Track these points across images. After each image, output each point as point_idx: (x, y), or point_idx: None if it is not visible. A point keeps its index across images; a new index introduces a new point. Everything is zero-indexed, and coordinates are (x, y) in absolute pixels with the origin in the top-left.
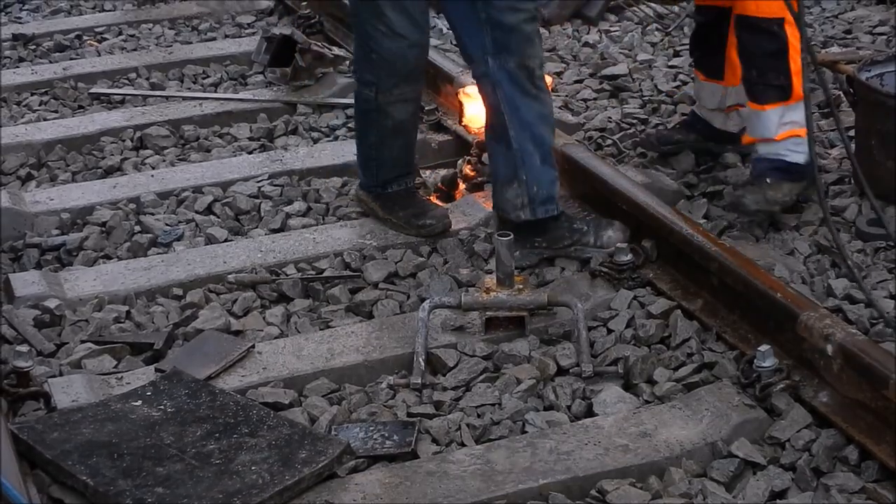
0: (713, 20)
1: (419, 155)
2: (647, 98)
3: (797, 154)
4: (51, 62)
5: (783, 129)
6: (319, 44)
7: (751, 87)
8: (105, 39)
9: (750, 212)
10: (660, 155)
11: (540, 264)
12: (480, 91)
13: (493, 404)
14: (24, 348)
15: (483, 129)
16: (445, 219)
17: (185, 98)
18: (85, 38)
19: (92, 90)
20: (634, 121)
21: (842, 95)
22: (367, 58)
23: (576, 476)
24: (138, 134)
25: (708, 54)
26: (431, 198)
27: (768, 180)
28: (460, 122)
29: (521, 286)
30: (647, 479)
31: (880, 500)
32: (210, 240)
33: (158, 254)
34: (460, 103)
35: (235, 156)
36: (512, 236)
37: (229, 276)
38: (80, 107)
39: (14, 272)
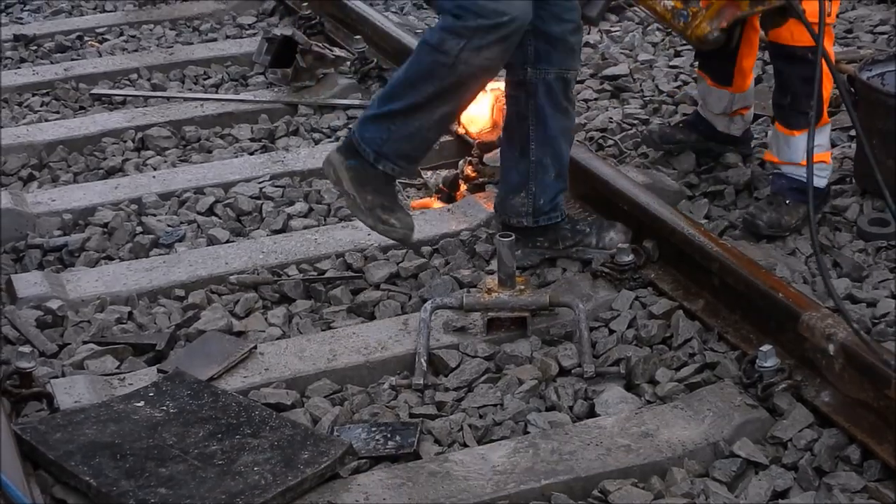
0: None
1: None
2: (648, 98)
3: (820, 178)
4: (52, 63)
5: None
6: (320, 44)
7: (783, 113)
8: (106, 40)
9: (761, 235)
10: (661, 153)
11: (541, 265)
12: (509, 96)
13: (495, 405)
14: (26, 349)
15: (484, 130)
16: (410, 230)
17: (186, 99)
18: (86, 38)
19: (93, 91)
20: (636, 121)
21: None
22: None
23: (578, 476)
24: (140, 135)
25: (718, 60)
26: (433, 199)
27: (787, 202)
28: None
29: (522, 287)
30: (650, 479)
31: (882, 500)
32: (212, 241)
33: (160, 255)
34: None
35: (237, 157)
36: (513, 237)
37: (231, 276)
38: (82, 108)
39: (16, 273)
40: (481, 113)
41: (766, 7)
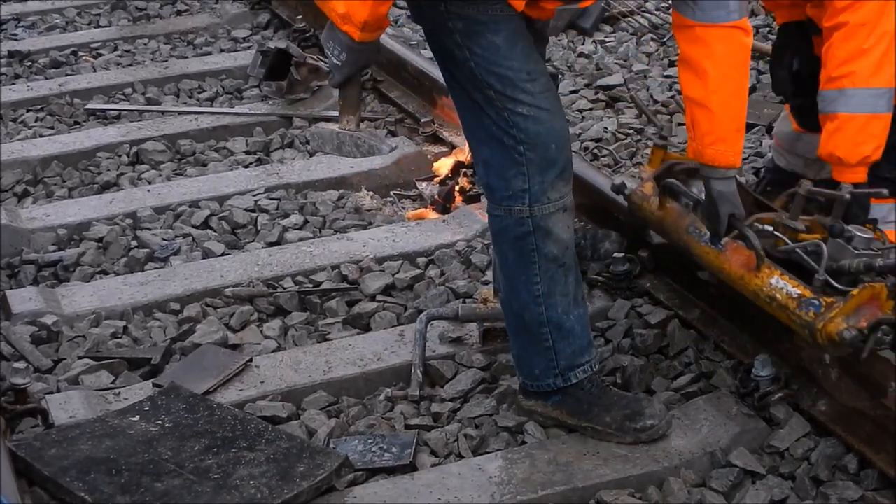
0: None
1: (415, 167)
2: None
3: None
4: (46, 78)
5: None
6: (315, 57)
7: (871, 180)
8: (101, 55)
9: None
10: None
11: None
12: None
13: (490, 415)
14: (21, 365)
15: None
16: (666, 414)
17: (181, 113)
18: (80, 54)
19: (88, 106)
20: (630, 131)
21: None
22: (509, 158)
23: (575, 487)
24: (134, 149)
25: (809, 110)
26: (428, 209)
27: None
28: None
29: None
30: (647, 489)
31: None
32: (207, 254)
33: (155, 268)
34: None
35: (232, 170)
36: None
37: (226, 289)
38: (76, 122)
39: (11, 289)
40: None
41: None
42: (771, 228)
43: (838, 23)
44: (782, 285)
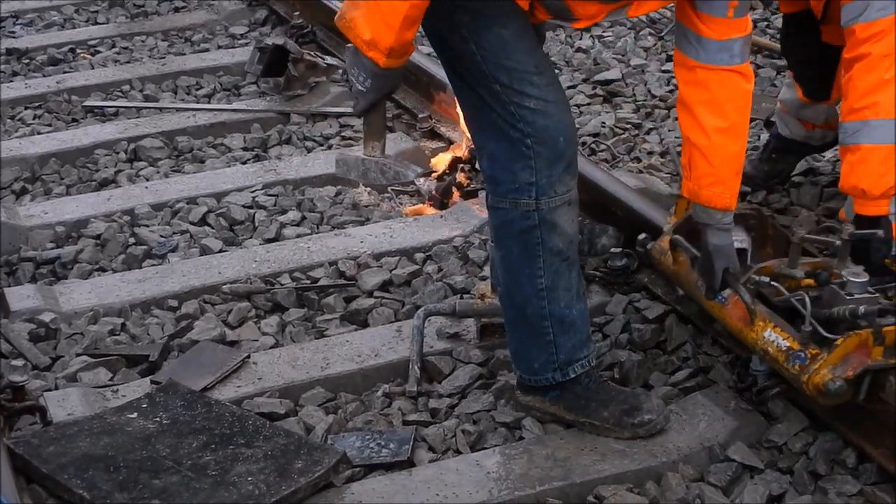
0: (832, 54)
1: (412, 162)
2: (640, 103)
3: None
4: (44, 76)
5: None
6: (312, 53)
7: None
8: (98, 52)
9: None
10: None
11: None
12: None
13: (488, 411)
14: (19, 362)
15: None
16: (665, 409)
17: (178, 109)
18: (78, 51)
19: (86, 103)
20: (628, 125)
21: None
22: (516, 151)
23: (573, 482)
24: (132, 146)
25: (817, 81)
26: (426, 205)
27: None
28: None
29: None
30: (645, 484)
31: (878, 503)
32: (204, 251)
33: (153, 265)
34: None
35: (229, 166)
36: None
37: (224, 286)
38: (74, 120)
39: (9, 286)
40: None
41: None
42: (767, 279)
43: (860, 54)
44: (774, 338)
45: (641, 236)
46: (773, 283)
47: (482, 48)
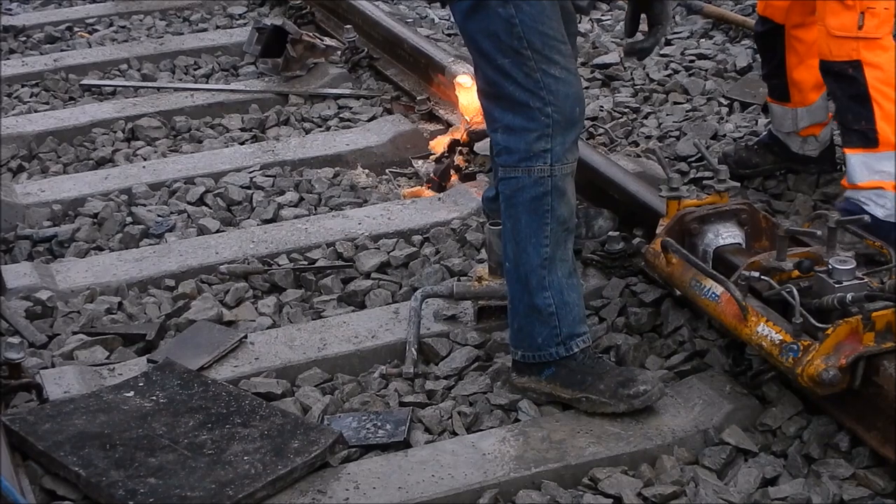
0: (769, 32)
1: (410, 145)
2: (638, 87)
3: (878, 207)
4: (41, 54)
5: (869, 177)
6: (311, 34)
7: (841, 131)
8: (96, 31)
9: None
10: (737, 178)
11: None
12: None
13: (484, 393)
14: (15, 340)
15: (475, 119)
16: (659, 382)
17: (176, 89)
18: (76, 29)
19: (83, 82)
20: (626, 110)
21: None
22: (534, 120)
23: (568, 464)
24: (130, 125)
25: (771, 75)
26: (424, 187)
27: None
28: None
29: None
30: (640, 466)
31: (871, 487)
32: (202, 231)
33: (150, 245)
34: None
35: (227, 147)
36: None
37: (221, 266)
38: (72, 98)
39: (6, 264)
40: (471, 101)
41: None
42: (757, 274)
43: None
44: (767, 332)
45: (636, 242)
46: (763, 277)
47: (522, 11)
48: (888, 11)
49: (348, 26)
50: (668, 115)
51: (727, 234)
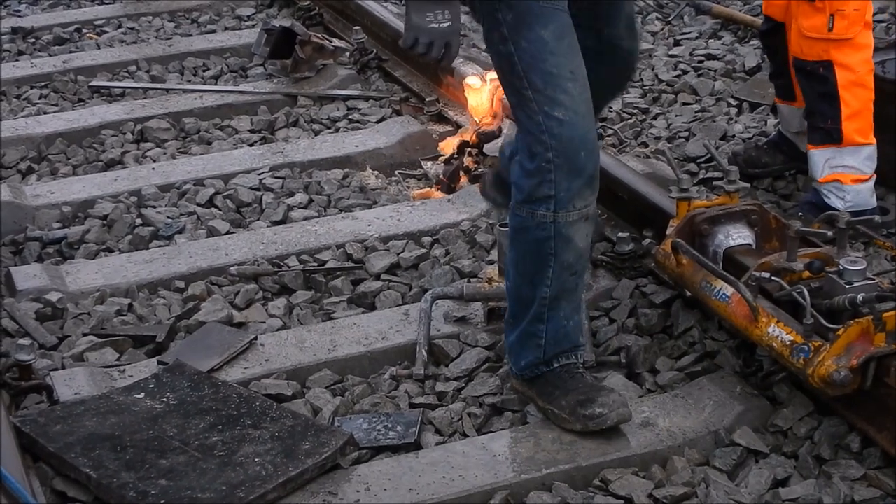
0: (772, 30)
1: (419, 146)
2: (647, 87)
3: (837, 199)
4: (50, 55)
5: (828, 171)
6: (320, 35)
7: (808, 127)
8: (104, 32)
9: None
10: (747, 178)
11: None
12: None
13: (495, 394)
14: (25, 341)
15: (484, 120)
16: (621, 406)
17: (185, 91)
18: (84, 31)
19: (92, 83)
20: (635, 110)
21: None
22: (538, 162)
23: (579, 465)
24: (139, 127)
25: (777, 74)
26: (434, 189)
27: (800, 213)
28: None
29: None
30: (650, 467)
31: (882, 487)
32: (212, 232)
33: (160, 246)
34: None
35: (236, 148)
36: None
37: (231, 268)
38: (80, 100)
39: (15, 265)
40: (481, 102)
41: None
42: (768, 275)
43: None
44: (777, 333)
45: (646, 243)
46: (773, 278)
47: (521, 48)
48: (858, 13)
49: (357, 27)
50: (677, 115)
51: (737, 235)
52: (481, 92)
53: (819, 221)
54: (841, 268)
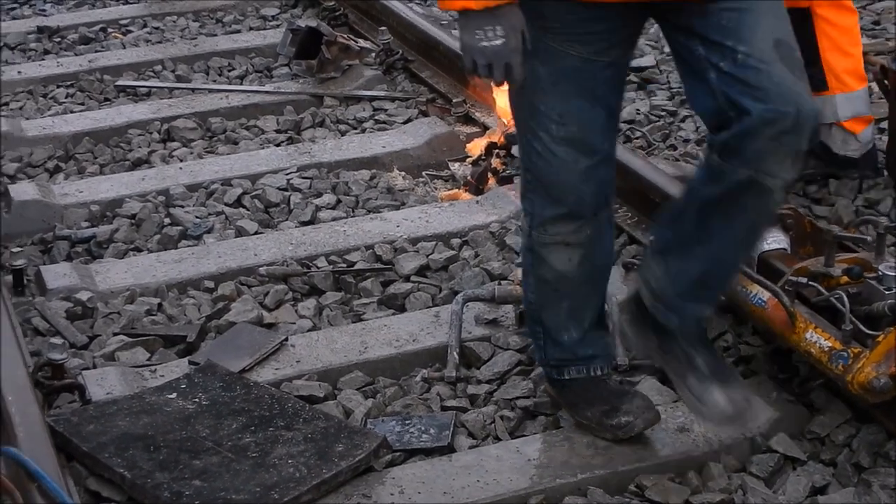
0: (796, 16)
1: (447, 147)
2: (675, 90)
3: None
4: (76, 54)
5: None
6: (346, 36)
7: None
8: (129, 32)
9: None
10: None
11: None
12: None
13: (527, 397)
14: (58, 340)
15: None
16: (646, 411)
17: (210, 90)
18: (109, 30)
19: (118, 82)
20: (663, 113)
21: (874, 86)
22: (523, 174)
23: (614, 470)
24: (165, 126)
25: (806, 64)
26: (461, 190)
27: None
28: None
29: None
30: (686, 473)
31: None
32: (240, 232)
33: (189, 246)
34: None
35: (263, 148)
36: None
37: (260, 268)
38: (107, 99)
39: (44, 264)
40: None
41: None
42: (805, 280)
43: None
44: (815, 339)
45: None
46: (811, 283)
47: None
48: None
49: (383, 28)
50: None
51: (772, 239)
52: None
53: (856, 226)
54: (880, 273)
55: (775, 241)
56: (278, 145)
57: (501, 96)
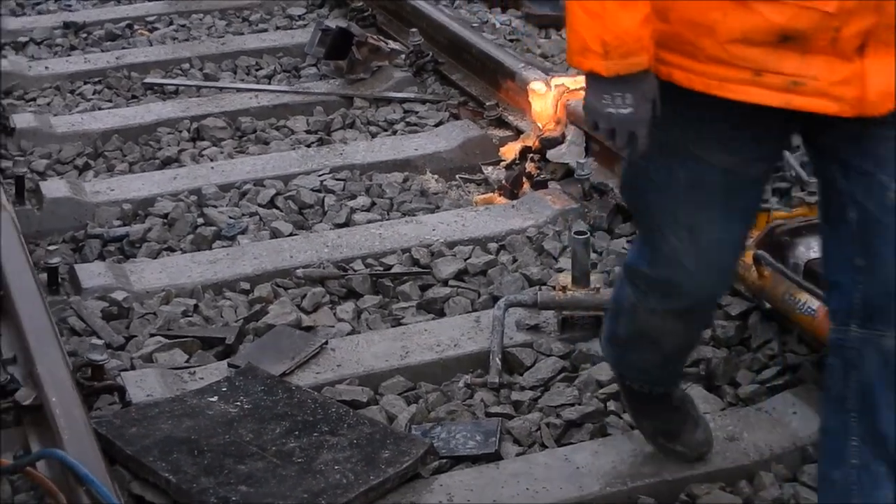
0: None
1: (479, 151)
2: None
3: None
4: (103, 51)
5: None
6: (376, 37)
7: None
8: (156, 29)
9: None
10: None
11: (618, 264)
12: (826, 363)
13: (572, 404)
14: (98, 341)
15: (547, 126)
16: (703, 446)
17: (239, 90)
18: (136, 27)
19: (146, 80)
20: None
21: None
22: (638, 253)
23: (664, 480)
24: (195, 125)
25: None
26: (495, 194)
27: None
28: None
29: (597, 285)
30: (737, 483)
31: None
32: (275, 233)
33: (223, 247)
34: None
35: (294, 149)
36: (588, 235)
37: (297, 270)
38: (134, 96)
39: (76, 262)
40: (545, 108)
41: None
42: None
43: None
44: None
45: None
46: None
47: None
48: None
49: (413, 30)
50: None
51: (810, 249)
52: (545, 97)
53: None
54: None
55: (812, 249)
56: (309, 146)
57: (537, 100)
